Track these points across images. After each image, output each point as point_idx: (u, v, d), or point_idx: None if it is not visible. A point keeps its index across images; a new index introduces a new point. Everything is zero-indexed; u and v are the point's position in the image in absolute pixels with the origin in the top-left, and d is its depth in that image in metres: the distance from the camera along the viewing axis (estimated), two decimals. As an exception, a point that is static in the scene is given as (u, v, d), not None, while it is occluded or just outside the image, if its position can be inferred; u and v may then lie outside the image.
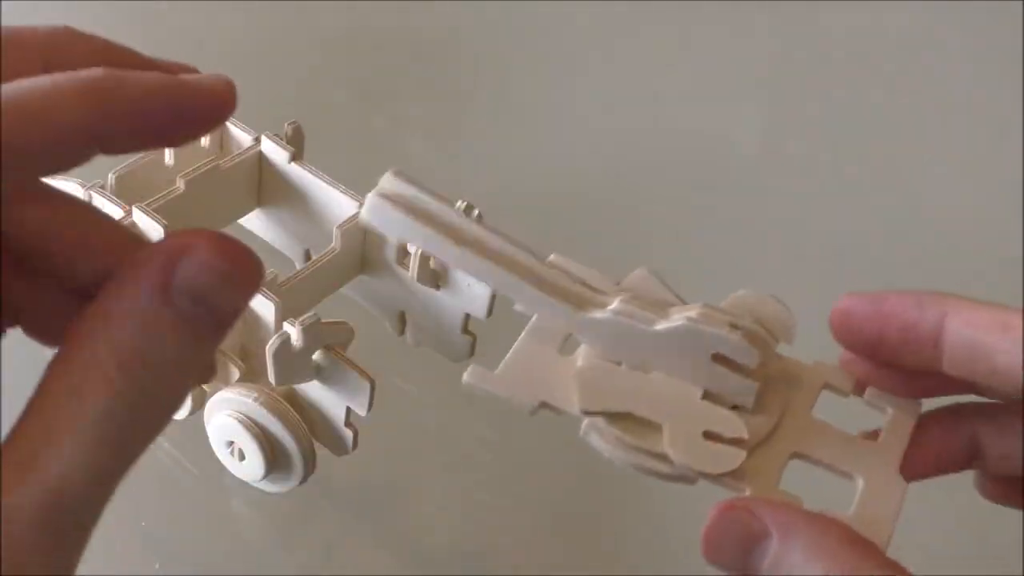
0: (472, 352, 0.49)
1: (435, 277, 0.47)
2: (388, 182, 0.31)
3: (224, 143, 0.51)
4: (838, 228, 0.62)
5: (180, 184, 0.47)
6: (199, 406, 0.46)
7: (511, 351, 0.33)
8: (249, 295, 0.25)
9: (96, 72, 0.25)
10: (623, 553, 0.49)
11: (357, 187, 0.48)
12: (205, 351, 0.25)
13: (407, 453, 0.51)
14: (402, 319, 0.50)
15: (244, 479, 0.46)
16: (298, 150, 0.50)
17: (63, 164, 0.25)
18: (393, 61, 0.69)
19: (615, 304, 0.32)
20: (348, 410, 0.43)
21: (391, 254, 0.47)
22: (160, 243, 0.25)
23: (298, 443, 0.44)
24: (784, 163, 0.66)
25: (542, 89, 0.69)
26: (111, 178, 0.47)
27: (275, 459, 0.45)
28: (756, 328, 0.31)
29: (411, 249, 0.46)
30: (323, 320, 0.42)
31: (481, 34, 0.72)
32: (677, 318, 0.31)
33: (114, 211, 0.46)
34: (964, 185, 0.66)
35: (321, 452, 0.45)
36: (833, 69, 0.72)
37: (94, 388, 0.24)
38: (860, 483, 0.31)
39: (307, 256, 0.52)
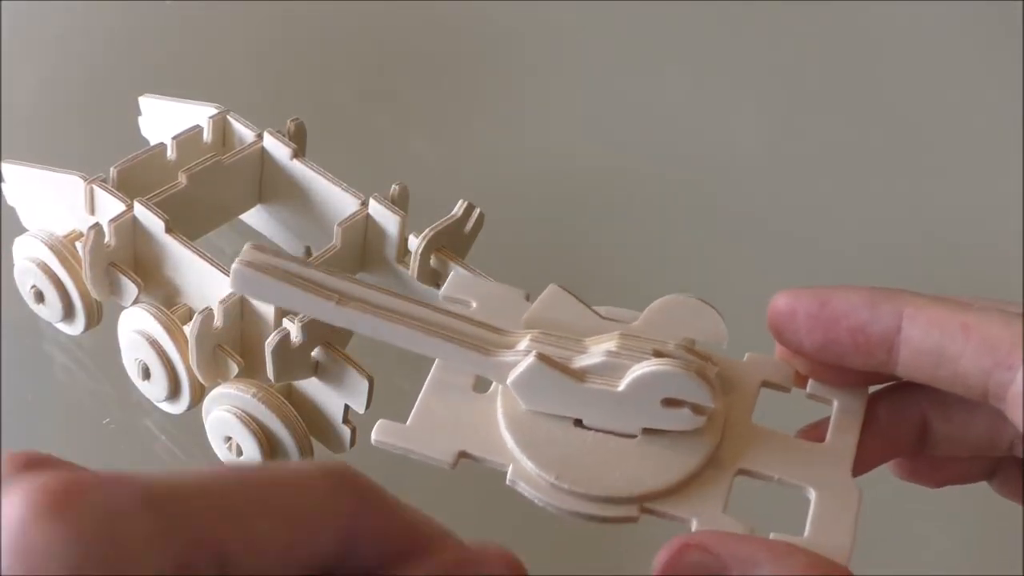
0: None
1: (435, 276, 0.47)
2: (250, 254, 0.29)
3: (226, 139, 0.51)
4: (838, 228, 0.62)
5: (182, 179, 0.47)
6: (197, 401, 0.46)
7: (419, 399, 0.31)
8: None
9: None
10: (623, 553, 0.48)
11: (359, 185, 0.48)
12: None
13: (405, 451, 0.51)
14: (402, 317, 0.50)
15: (241, 475, 0.46)
16: (300, 147, 0.50)
17: None
18: (397, 60, 0.69)
19: (524, 343, 0.30)
20: (346, 407, 0.43)
21: (391, 252, 0.47)
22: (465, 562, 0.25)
23: (296, 440, 0.44)
24: (784, 163, 0.66)
25: (545, 89, 0.69)
26: (113, 172, 0.47)
27: (272, 455, 0.45)
28: (683, 355, 0.29)
29: (410, 247, 0.46)
30: (322, 317, 0.42)
31: (484, 34, 0.72)
32: (596, 351, 0.29)
33: (115, 204, 0.46)
34: (964, 185, 0.66)
35: (319, 449, 0.45)
36: (833, 69, 0.72)
37: None
38: (812, 495, 0.29)
39: (308, 253, 0.52)
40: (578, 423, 0.30)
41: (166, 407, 0.47)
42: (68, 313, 0.49)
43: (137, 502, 0.22)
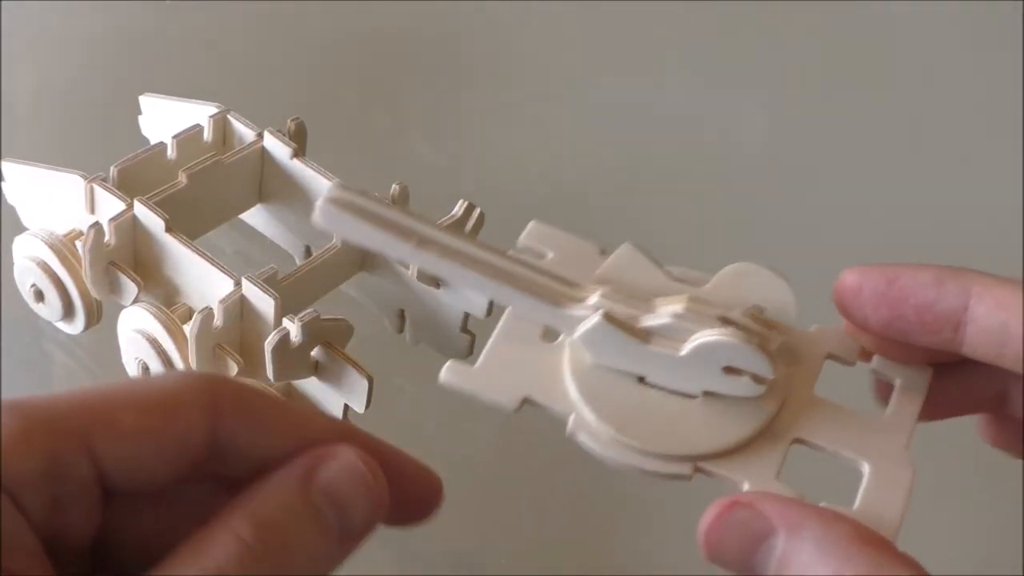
0: (471, 351, 0.49)
1: (435, 276, 0.47)
2: (338, 190, 0.30)
3: (227, 138, 0.51)
4: (840, 227, 0.62)
5: (182, 178, 0.47)
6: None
7: (489, 344, 0.31)
8: (374, 518, 0.26)
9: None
10: (623, 553, 0.48)
11: (359, 184, 0.48)
12: (332, 552, 0.26)
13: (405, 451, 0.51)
14: (401, 317, 0.50)
15: (241, 474, 0.46)
16: (300, 146, 0.50)
17: None
18: (397, 60, 0.69)
19: (594, 298, 0.31)
20: (346, 407, 0.43)
21: (392, 252, 0.47)
22: (318, 448, 0.26)
23: (295, 439, 0.44)
24: (785, 163, 0.66)
25: (545, 89, 0.69)
26: (113, 171, 0.47)
27: (272, 455, 0.45)
28: (748, 323, 0.30)
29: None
30: (322, 316, 0.42)
31: (485, 34, 0.72)
32: (663, 312, 0.30)
33: (115, 203, 0.46)
34: (965, 183, 0.66)
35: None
36: (834, 67, 0.72)
37: (222, 539, 0.24)
38: (865, 469, 0.30)
39: (308, 252, 0.52)
40: (642, 380, 0.31)
41: (166, 406, 0.47)
42: (68, 312, 0.49)
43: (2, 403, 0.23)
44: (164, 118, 0.52)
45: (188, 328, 0.44)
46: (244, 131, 0.50)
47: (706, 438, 0.30)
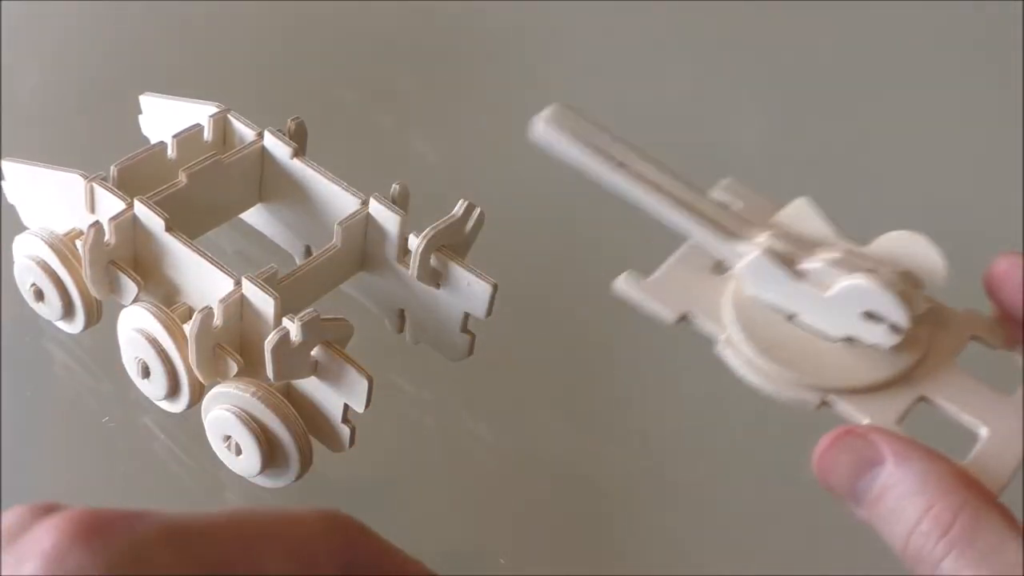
0: (471, 351, 0.49)
1: (435, 276, 0.47)
2: (555, 109, 0.34)
3: (227, 137, 0.51)
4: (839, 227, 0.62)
5: (182, 177, 0.47)
6: (196, 400, 0.46)
7: (665, 264, 0.35)
8: None
9: None
10: (622, 553, 0.48)
11: (359, 184, 0.48)
12: None
13: (404, 451, 0.51)
14: (401, 317, 0.50)
15: (240, 474, 0.46)
16: (300, 146, 0.50)
17: None
18: (397, 60, 0.69)
19: (762, 238, 0.33)
20: (346, 407, 0.43)
21: (391, 252, 0.47)
22: None
23: (295, 439, 0.44)
24: (785, 163, 0.66)
25: (546, 88, 0.69)
26: (113, 170, 0.47)
27: (272, 454, 0.45)
28: (896, 280, 0.32)
29: (411, 247, 0.46)
30: (322, 316, 0.42)
31: (485, 32, 0.72)
32: (821, 258, 0.33)
33: (115, 202, 0.46)
34: (965, 183, 0.65)
35: (318, 448, 0.45)
36: (834, 67, 0.72)
37: None
38: (983, 433, 0.31)
39: (308, 252, 0.52)
40: (791, 319, 0.33)
41: (165, 406, 0.47)
42: (68, 311, 0.49)
43: (158, 534, 0.24)
44: (164, 118, 0.52)
45: (188, 328, 0.44)
46: (244, 131, 0.50)
47: (839, 375, 0.32)
